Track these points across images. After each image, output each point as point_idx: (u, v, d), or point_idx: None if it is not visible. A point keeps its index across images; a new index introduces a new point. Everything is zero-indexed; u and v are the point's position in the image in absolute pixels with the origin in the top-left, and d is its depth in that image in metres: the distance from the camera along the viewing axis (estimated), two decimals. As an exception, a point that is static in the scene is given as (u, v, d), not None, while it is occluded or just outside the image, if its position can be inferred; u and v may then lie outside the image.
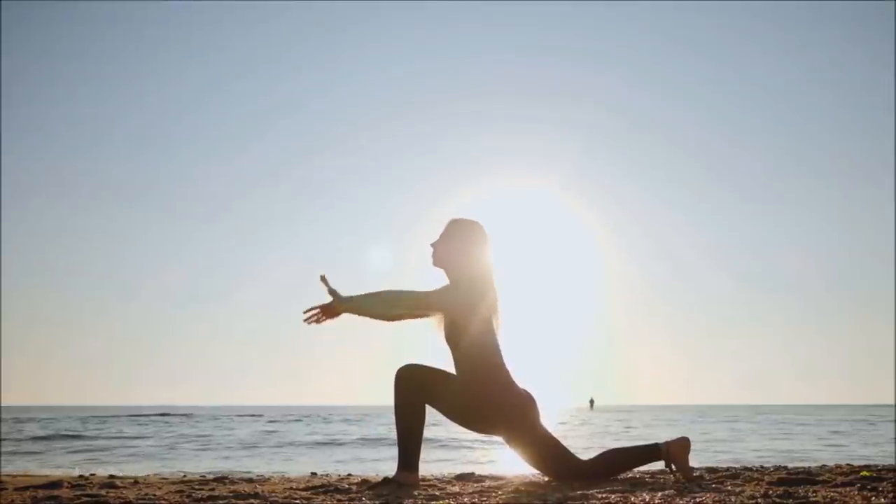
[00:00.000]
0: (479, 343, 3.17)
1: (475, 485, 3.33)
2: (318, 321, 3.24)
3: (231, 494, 2.97)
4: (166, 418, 29.88)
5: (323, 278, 3.22)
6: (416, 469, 3.15)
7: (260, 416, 34.45)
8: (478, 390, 3.17)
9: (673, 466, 3.27)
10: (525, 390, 3.25)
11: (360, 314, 3.21)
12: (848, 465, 4.96)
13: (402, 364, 3.19)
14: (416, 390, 3.15)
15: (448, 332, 3.21)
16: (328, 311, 3.24)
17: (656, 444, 3.28)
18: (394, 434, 3.31)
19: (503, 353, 3.21)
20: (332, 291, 3.20)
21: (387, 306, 3.16)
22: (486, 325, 3.18)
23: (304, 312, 3.24)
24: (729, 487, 2.90)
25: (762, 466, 4.74)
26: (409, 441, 3.14)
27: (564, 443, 3.33)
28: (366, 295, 3.17)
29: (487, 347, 3.18)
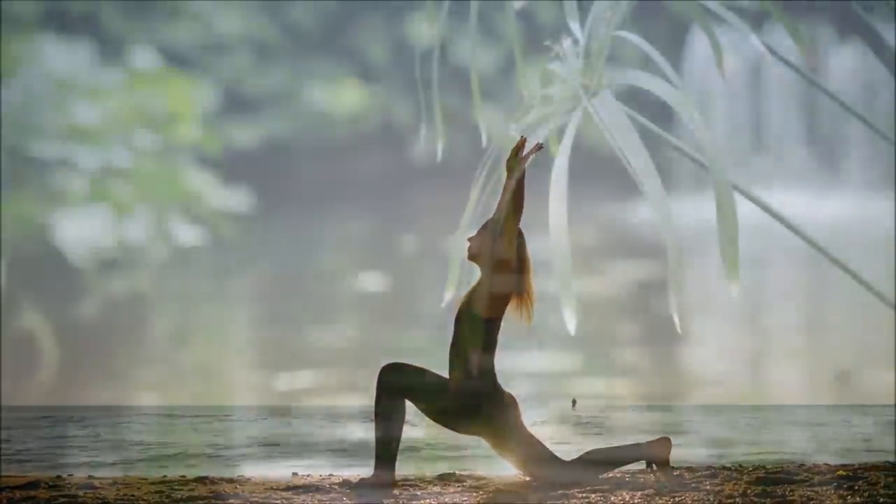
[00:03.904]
0: (482, 332, 3.19)
1: (455, 485, 3.33)
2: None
3: (211, 495, 2.96)
4: (153, 417, 29.70)
5: (539, 146, 3.10)
6: (393, 469, 3.15)
7: (247, 415, 34.32)
8: (460, 390, 3.18)
9: (654, 466, 3.29)
10: (507, 392, 3.26)
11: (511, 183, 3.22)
12: (825, 464, 4.99)
13: (386, 363, 3.20)
14: (397, 389, 3.16)
15: (463, 304, 3.22)
16: (516, 157, 3.14)
17: (637, 444, 3.30)
18: (373, 434, 3.30)
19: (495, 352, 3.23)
20: (524, 157, 3.16)
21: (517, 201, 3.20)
22: (502, 305, 3.20)
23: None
24: (708, 487, 2.92)
25: (741, 466, 4.76)
26: (389, 440, 3.15)
27: (545, 443, 3.34)
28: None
29: (488, 338, 3.20)
